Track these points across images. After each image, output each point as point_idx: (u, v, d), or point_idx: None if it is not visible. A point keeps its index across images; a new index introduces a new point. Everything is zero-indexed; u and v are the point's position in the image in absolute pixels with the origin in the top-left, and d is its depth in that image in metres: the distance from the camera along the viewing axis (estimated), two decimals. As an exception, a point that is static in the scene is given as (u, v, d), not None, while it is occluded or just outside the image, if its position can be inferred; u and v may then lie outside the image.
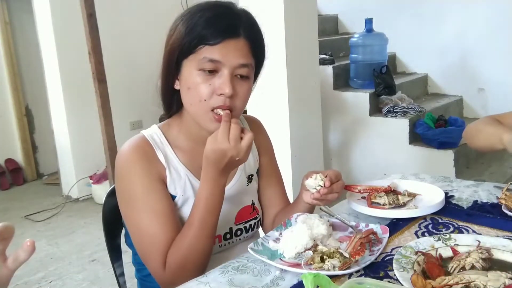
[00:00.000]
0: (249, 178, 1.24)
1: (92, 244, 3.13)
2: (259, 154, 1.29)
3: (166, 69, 1.08)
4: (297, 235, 1.02)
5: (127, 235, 1.21)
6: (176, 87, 1.09)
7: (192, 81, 1.03)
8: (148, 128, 1.16)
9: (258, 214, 1.24)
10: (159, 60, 1.11)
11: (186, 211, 1.11)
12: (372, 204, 1.21)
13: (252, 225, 1.22)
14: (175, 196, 1.12)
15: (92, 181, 3.86)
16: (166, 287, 1.07)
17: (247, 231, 1.21)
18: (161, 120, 1.22)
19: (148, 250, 1.07)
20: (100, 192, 3.73)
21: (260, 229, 1.29)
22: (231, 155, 0.99)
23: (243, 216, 1.21)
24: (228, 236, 1.18)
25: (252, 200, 1.24)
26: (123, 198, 1.11)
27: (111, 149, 3.26)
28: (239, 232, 1.20)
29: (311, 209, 1.20)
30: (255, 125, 1.30)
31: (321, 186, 1.10)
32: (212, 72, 1.01)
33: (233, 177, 1.20)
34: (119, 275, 1.37)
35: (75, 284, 2.68)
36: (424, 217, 1.16)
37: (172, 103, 1.13)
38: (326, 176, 1.10)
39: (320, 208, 1.18)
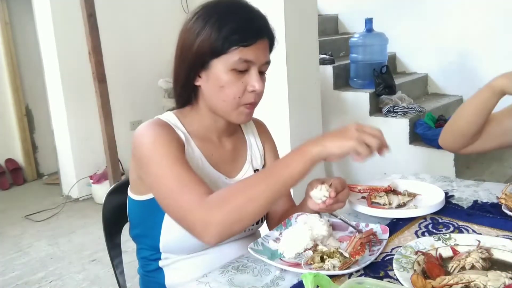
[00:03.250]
0: (255, 172, 1.25)
1: (92, 244, 3.13)
2: (264, 152, 1.31)
3: (190, 67, 1.09)
4: (298, 236, 1.02)
5: (131, 227, 1.21)
6: (197, 83, 1.11)
7: (226, 80, 1.07)
8: (161, 114, 1.17)
9: None
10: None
11: None
12: (372, 204, 1.21)
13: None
14: None
15: (92, 181, 3.86)
16: (196, 228, 0.97)
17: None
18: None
19: (183, 191, 0.99)
20: (100, 192, 3.73)
21: (260, 228, 1.29)
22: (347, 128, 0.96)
23: None
24: None
25: None
26: (148, 161, 1.05)
27: (111, 149, 3.26)
28: None
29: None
30: (262, 127, 1.35)
31: (326, 197, 1.05)
32: (243, 71, 1.07)
33: (241, 169, 1.22)
34: (119, 275, 1.37)
35: (75, 284, 2.68)
36: (424, 217, 1.16)
37: (189, 97, 1.16)
38: (330, 185, 1.06)
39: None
